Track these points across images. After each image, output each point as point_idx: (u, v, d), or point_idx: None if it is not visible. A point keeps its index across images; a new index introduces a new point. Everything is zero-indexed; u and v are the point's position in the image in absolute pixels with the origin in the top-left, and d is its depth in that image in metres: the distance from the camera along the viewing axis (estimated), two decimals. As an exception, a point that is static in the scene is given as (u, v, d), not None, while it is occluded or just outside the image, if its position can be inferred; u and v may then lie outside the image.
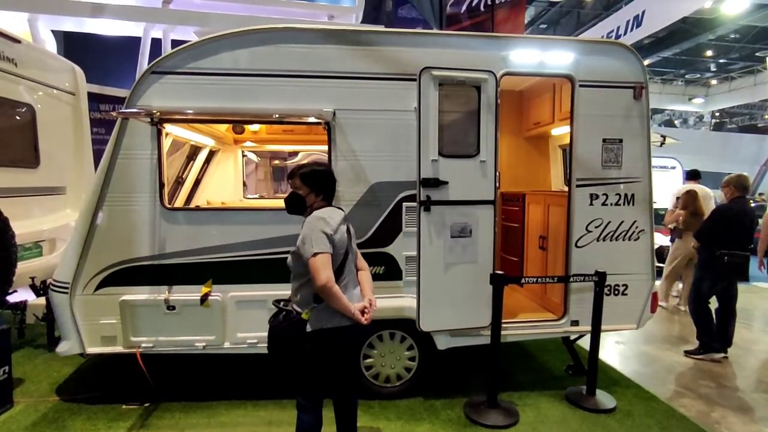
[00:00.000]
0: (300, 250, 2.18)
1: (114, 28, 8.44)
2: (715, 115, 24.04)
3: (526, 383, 3.82)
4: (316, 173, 2.35)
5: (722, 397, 3.74)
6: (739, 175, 4.53)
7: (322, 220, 2.21)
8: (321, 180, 2.35)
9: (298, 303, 2.28)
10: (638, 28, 10.95)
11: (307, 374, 2.30)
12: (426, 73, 3.00)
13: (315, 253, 2.11)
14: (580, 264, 3.46)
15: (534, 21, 16.54)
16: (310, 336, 2.20)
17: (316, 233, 2.15)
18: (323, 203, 2.35)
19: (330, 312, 2.20)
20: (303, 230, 2.21)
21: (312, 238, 2.14)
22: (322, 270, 2.10)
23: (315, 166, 2.41)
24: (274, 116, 3.13)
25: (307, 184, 2.33)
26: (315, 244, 2.12)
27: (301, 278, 2.27)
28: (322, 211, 2.29)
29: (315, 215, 2.25)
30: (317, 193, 2.33)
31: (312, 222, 2.21)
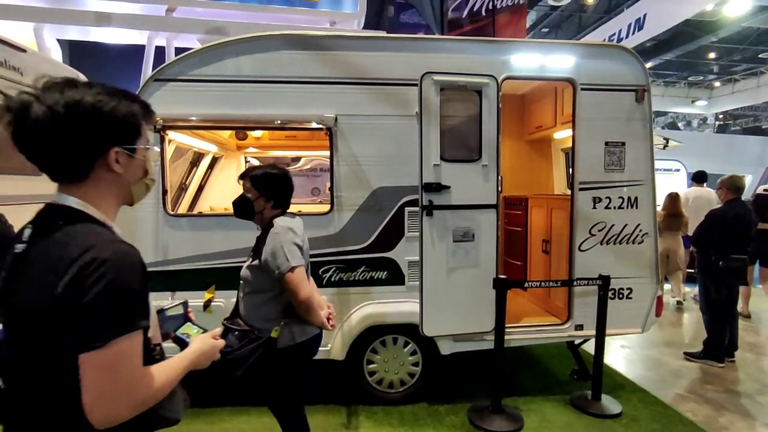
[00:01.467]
0: (269, 264, 2.04)
1: (118, 37, 8.51)
2: (718, 117, 23.93)
3: (531, 388, 3.79)
4: (268, 177, 2.18)
5: (729, 401, 3.69)
6: (732, 176, 4.47)
7: (291, 231, 2.11)
8: (273, 185, 2.18)
9: (259, 320, 2.11)
10: (640, 31, 10.96)
11: (285, 389, 2.24)
12: (427, 77, 3.01)
13: (293, 267, 2.01)
14: (583, 268, 3.44)
15: (535, 25, 16.57)
16: (283, 353, 2.09)
17: (288, 245, 2.05)
18: (274, 210, 2.20)
19: (301, 325, 2.13)
20: (271, 242, 2.06)
21: (286, 251, 2.03)
22: (301, 284, 2.02)
23: (269, 169, 2.23)
24: (276, 122, 3.15)
25: (258, 188, 2.16)
26: (291, 258, 2.02)
27: (264, 294, 2.12)
28: (286, 220, 2.17)
29: (282, 226, 2.12)
30: (267, 199, 2.18)
31: (281, 234, 2.08)
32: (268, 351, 2.06)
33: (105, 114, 0.99)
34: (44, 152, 0.99)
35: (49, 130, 0.94)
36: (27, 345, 0.95)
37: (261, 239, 2.15)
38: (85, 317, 0.88)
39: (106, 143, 1.01)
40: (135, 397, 0.94)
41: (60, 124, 0.94)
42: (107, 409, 0.91)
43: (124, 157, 1.04)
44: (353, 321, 3.26)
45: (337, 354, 3.27)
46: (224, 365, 1.98)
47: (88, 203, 1.02)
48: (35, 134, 0.95)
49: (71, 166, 1.00)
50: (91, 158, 1.01)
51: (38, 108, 0.93)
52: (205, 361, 1.21)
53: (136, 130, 1.07)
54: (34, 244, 0.97)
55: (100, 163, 1.02)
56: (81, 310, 0.88)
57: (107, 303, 0.89)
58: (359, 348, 3.33)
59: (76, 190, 1.02)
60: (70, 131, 0.96)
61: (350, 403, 3.43)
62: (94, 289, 0.88)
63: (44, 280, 0.90)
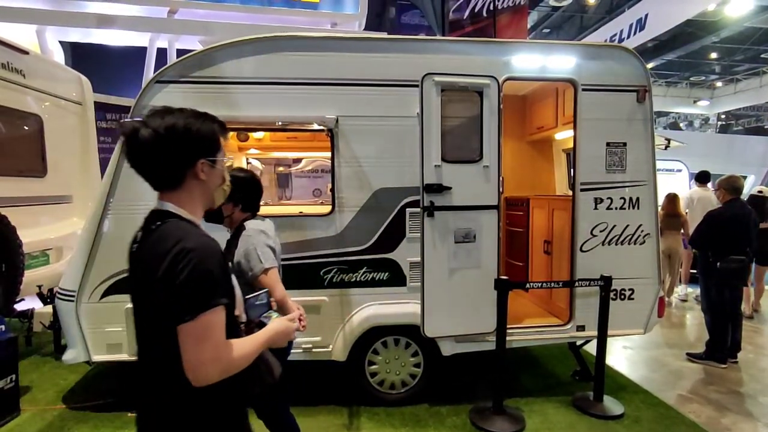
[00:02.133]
0: (242, 266, 2.05)
1: (120, 39, 8.55)
2: (720, 117, 23.88)
3: (533, 389, 3.78)
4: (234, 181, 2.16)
5: (732, 402, 3.68)
6: (729, 176, 4.47)
7: (263, 233, 2.13)
8: (240, 188, 2.13)
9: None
10: (641, 32, 10.95)
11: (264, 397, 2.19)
12: (428, 78, 3.01)
13: (267, 268, 2.03)
14: (585, 268, 3.43)
15: (537, 26, 16.57)
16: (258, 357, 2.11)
17: (261, 248, 2.06)
18: (243, 214, 2.22)
19: None
20: (243, 245, 2.08)
21: (259, 253, 2.05)
22: (276, 285, 2.03)
23: (236, 172, 2.23)
24: (277, 123, 3.16)
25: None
26: (264, 260, 2.04)
27: None
28: (258, 223, 2.19)
29: (254, 228, 2.13)
30: (235, 203, 2.18)
31: (254, 236, 2.10)
32: None
33: (194, 133, 1.23)
34: (150, 165, 1.23)
35: (153, 148, 1.19)
36: (145, 323, 1.22)
37: (231, 242, 2.15)
38: (179, 295, 1.10)
39: (194, 156, 1.25)
40: (221, 362, 1.13)
41: (161, 143, 1.19)
42: (199, 372, 1.11)
43: (207, 167, 1.27)
44: (355, 322, 3.26)
45: (339, 355, 3.27)
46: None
47: (181, 207, 1.25)
48: (143, 151, 1.20)
49: (169, 176, 1.25)
50: (184, 169, 1.24)
51: (145, 131, 1.18)
52: (281, 339, 1.39)
53: (217, 145, 1.30)
54: (143, 243, 1.22)
55: (190, 173, 1.25)
56: (175, 290, 1.10)
57: (194, 283, 1.10)
58: (361, 349, 3.33)
59: (172, 196, 1.26)
60: (169, 148, 1.20)
61: (352, 404, 3.43)
62: (184, 273, 1.10)
63: (151, 269, 1.14)
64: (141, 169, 1.24)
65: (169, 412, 1.20)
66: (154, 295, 1.13)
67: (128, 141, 1.20)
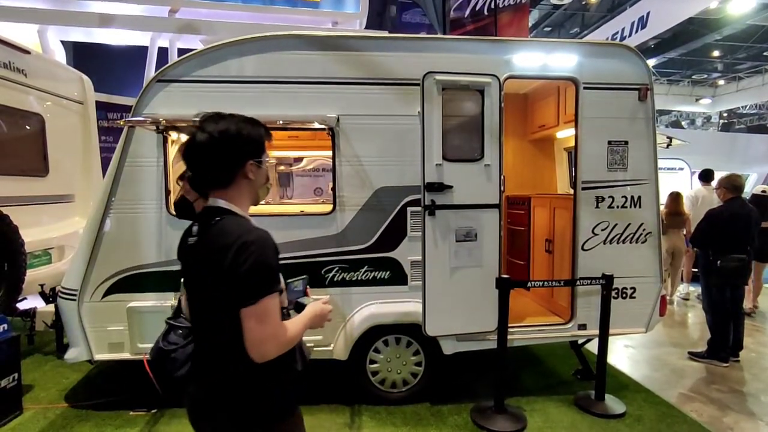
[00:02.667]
0: None
1: (122, 38, 8.55)
2: (722, 115, 23.81)
3: (534, 388, 3.78)
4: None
5: (735, 401, 3.68)
6: (730, 175, 4.46)
7: None
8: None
9: None
10: (643, 30, 10.91)
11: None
12: (429, 77, 3.01)
13: None
14: (586, 267, 3.43)
15: (538, 24, 16.53)
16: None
17: None
18: None
19: None
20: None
21: None
22: None
23: None
24: (278, 123, 3.15)
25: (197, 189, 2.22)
26: None
27: None
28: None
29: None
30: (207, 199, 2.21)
31: None
32: None
33: (244, 136, 1.38)
34: (205, 166, 1.38)
35: (209, 150, 1.34)
36: (207, 310, 1.36)
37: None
38: (243, 283, 1.25)
39: (244, 158, 1.39)
40: (278, 340, 1.30)
41: (216, 145, 1.34)
42: (261, 349, 1.27)
43: (255, 167, 1.41)
44: (356, 321, 3.26)
45: (340, 354, 3.27)
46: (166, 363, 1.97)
47: (232, 204, 1.39)
48: (200, 153, 1.35)
49: (222, 175, 1.39)
50: (235, 169, 1.39)
51: (201, 135, 1.34)
52: (319, 322, 1.50)
53: (263, 147, 1.44)
54: (202, 236, 1.37)
55: (240, 173, 1.39)
56: (240, 278, 1.25)
57: (255, 272, 1.26)
58: (362, 348, 3.33)
59: (224, 194, 1.40)
60: (223, 150, 1.36)
61: (353, 403, 3.43)
62: (247, 263, 1.25)
63: (216, 260, 1.28)
64: (197, 169, 1.39)
65: (235, 387, 1.35)
66: (218, 284, 1.28)
67: (187, 144, 1.37)
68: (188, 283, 1.43)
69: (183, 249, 1.45)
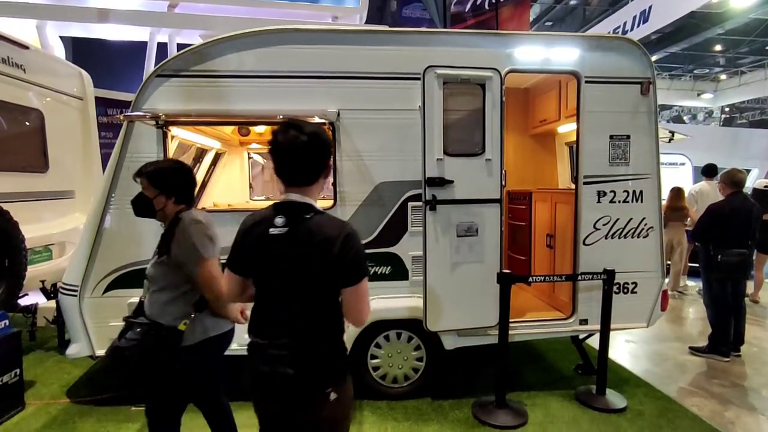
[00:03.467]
0: (179, 258, 1.97)
1: (121, 33, 8.52)
2: (724, 110, 23.73)
3: (535, 383, 3.79)
4: (164, 172, 2.09)
5: (736, 396, 3.68)
6: (730, 170, 4.44)
7: (201, 224, 2.02)
8: (171, 180, 2.08)
9: (168, 316, 2.02)
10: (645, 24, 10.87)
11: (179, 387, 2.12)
12: (430, 71, 2.99)
13: (205, 259, 1.95)
14: (588, 262, 3.42)
15: (539, 18, 16.46)
16: (192, 348, 2.04)
17: (200, 238, 1.97)
18: (178, 206, 2.10)
19: (213, 319, 2.09)
20: (181, 236, 1.98)
21: (198, 243, 1.95)
22: (218, 277, 1.94)
23: (165, 163, 2.14)
24: (278, 117, 3.13)
25: (155, 185, 2.06)
26: (204, 250, 1.96)
27: (173, 291, 2.04)
28: (195, 213, 2.09)
29: (191, 219, 2.02)
30: (167, 195, 2.07)
31: (191, 226, 1.99)
32: (174, 346, 2.00)
33: (327, 139, 1.59)
34: (303, 164, 1.56)
35: (308, 150, 1.53)
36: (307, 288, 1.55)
37: (166, 236, 2.05)
38: (349, 267, 1.53)
39: (328, 159, 1.61)
40: (370, 311, 1.62)
41: (314, 146, 1.53)
42: (361, 317, 1.60)
43: (330, 169, 1.64)
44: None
45: (341, 349, 3.27)
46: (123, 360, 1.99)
47: (311, 199, 1.58)
48: (299, 153, 1.53)
49: (311, 174, 1.58)
50: (321, 168, 1.59)
51: (302, 137, 1.51)
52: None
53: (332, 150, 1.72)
54: (294, 228, 1.53)
55: (323, 172, 1.61)
56: (346, 264, 1.51)
57: (358, 259, 1.54)
58: (363, 343, 3.33)
59: (306, 191, 1.58)
60: (318, 150, 1.56)
61: (354, 398, 3.42)
62: (352, 252, 1.51)
63: (323, 249, 1.49)
64: (294, 167, 1.56)
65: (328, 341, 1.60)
66: (325, 269, 1.51)
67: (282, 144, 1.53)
68: (273, 267, 1.56)
69: (263, 237, 1.55)
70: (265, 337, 1.57)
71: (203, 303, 2.04)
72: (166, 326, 2.01)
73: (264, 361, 1.56)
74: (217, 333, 2.12)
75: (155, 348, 1.98)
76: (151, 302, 2.08)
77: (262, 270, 1.59)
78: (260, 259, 1.58)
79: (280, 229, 1.54)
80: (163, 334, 2.00)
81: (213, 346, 2.13)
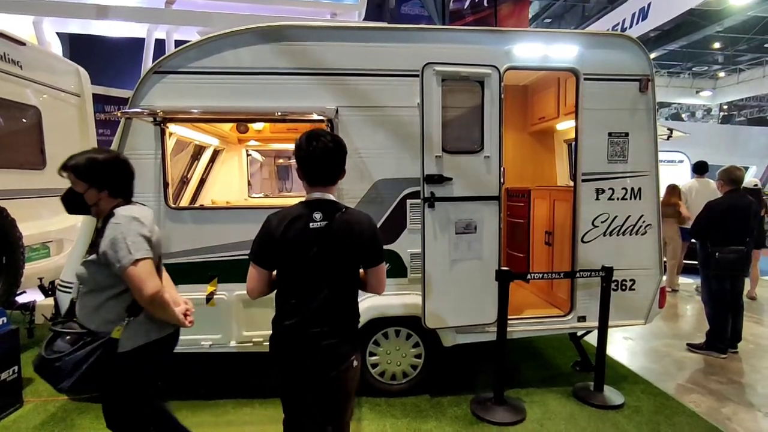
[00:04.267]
0: (108, 257, 1.78)
1: (118, 30, 8.49)
2: (723, 108, 23.74)
3: (533, 380, 3.80)
4: (93, 165, 1.90)
5: (733, 392, 3.69)
6: (729, 167, 4.44)
7: (135, 220, 1.85)
8: (101, 172, 1.90)
9: (99, 322, 1.86)
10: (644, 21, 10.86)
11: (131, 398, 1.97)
12: (428, 68, 2.98)
13: (136, 259, 1.75)
14: (586, 259, 3.43)
15: (538, 15, 16.43)
16: (128, 356, 1.86)
17: (132, 236, 1.79)
18: (113, 200, 1.93)
19: (151, 323, 1.92)
20: (110, 233, 1.80)
21: (128, 242, 1.77)
22: (148, 279, 1.77)
23: (94, 154, 1.94)
24: (276, 114, 3.12)
25: (84, 179, 1.89)
26: (134, 250, 1.77)
27: (104, 292, 1.87)
28: (130, 209, 1.91)
29: (124, 215, 1.85)
30: (99, 189, 1.90)
31: (123, 224, 1.82)
32: (109, 354, 1.82)
33: (345, 146, 1.91)
34: (332, 166, 1.87)
35: (336, 154, 1.86)
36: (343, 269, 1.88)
37: (100, 233, 1.88)
38: (376, 251, 1.92)
39: (345, 162, 1.91)
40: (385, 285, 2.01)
41: (340, 151, 1.88)
42: (380, 290, 1.99)
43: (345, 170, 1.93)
44: (355, 313, 3.26)
45: (340, 346, 3.28)
46: (51, 374, 1.80)
47: (334, 197, 1.90)
48: (330, 156, 1.85)
49: (336, 175, 1.90)
50: (342, 169, 1.91)
51: (331, 143, 1.84)
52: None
53: None
54: (332, 221, 1.82)
55: (342, 173, 1.92)
56: (375, 248, 1.91)
57: (381, 244, 1.94)
58: (362, 340, 3.33)
59: (329, 190, 1.90)
60: (342, 154, 1.89)
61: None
62: (378, 238, 1.92)
63: (359, 237, 1.85)
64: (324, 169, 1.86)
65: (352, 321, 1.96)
66: (359, 252, 1.87)
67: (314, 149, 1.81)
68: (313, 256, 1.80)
69: (304, 230, 1.80)
70: (305, 318, 1.82)
71: (138, 306, 1.86)
72: (97, 333, 1.84)
73: (306, 339, 1.82)
74: (156, 338, 1.95)
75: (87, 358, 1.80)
76: (81, 305, 1.92)
77: (302, 259, 1.81)
78: (302, 249, 1.80)
79: (320, 224, 1.81)
80: (96, 342, 1.82)
81: (152, 353, 1.95)
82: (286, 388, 1.92)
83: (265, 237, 1.83)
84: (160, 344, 1.98)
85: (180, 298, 2.11)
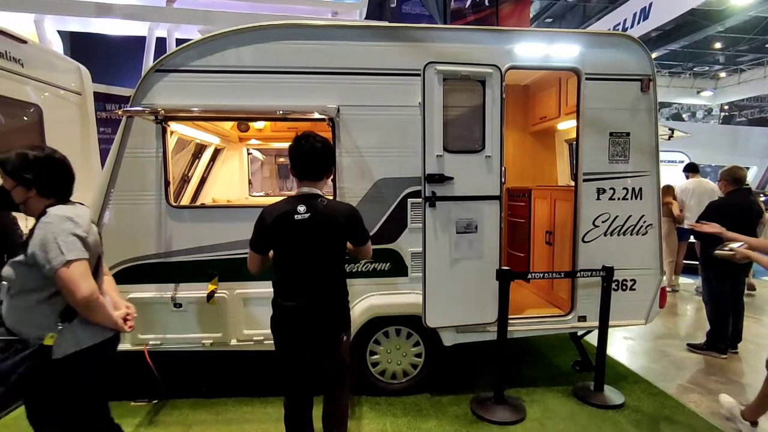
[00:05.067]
0: (38, 258, 1.69)
1: (119, 28, 8.47)
2: (724, 108, 23.72)
3: (534, 379, 3.80)
4: (23, 162, 1.80)
5: (733, 392, 3.68)
6: (731, 167, 4.43)
7: (68, 220, 1.76)
8: (31, 170, 1.80)
9: (30, 327, 1.77)
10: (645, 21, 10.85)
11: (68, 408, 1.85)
12: (430, 67, 2.98)
13: (68, 261, 1.68)
14: (587, 259, 3.43)
15: (539, 15, 16.41)
16: (62, 363, 1.76)
17: (64, 236, 1.71)
18: (44, 199, 1.83)
19: (87, 328, 1.83)
20: (40, 233, 1.72)
21: (60, 242, 1.69)
22: (82, 280, 1.69)
23: (25, 150, 1.83)
24: (277, 113, 3.12)
25: (12, 176, 1.80)
26: (66, 250, 1.69)
27: (33, 295, 1.77)
28: (64, 209, 1.82)
29: (57, 215, 1.77)
30: (27, 187, 1.81)
31: (55, 223, 1.73)
32: (42, 362, 1.72)
33: (333, 148, 2.28)
34: (321, 165, 2.21)
35: (324, 154, 2.22)
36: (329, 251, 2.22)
37: (32, 232, 1.79)
38: (360, 230, 2.29)
39: (332, 163, 2.33)
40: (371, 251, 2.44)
41: (328, 151, 2.24)
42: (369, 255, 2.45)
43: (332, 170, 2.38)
44: (356, 312, 3.26)
45: (340, 345, 3.28)
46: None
47: (319, 191, 2.22)
48: (319, 156, 2.19)
49: (322, 172, 2.23)
50: (329, 168, 2.28)
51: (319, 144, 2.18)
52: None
53: None
54: (315, 212, 2.13)
55: (329, 171, 2.28)
56: (355, 231, 2.27)
57: (363, 225, 2.30)
58: (362, 339, 3.33)
59: (317, 185, 2.23)
60: (330, 154, 2.27)
61: (353, 394, 3.44)
62: (354, 222, 2.25)
63: (339, 222, 2.18)
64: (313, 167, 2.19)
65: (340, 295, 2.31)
66: (341, 235, 2.21)
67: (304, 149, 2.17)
68: (300, 244, 2.14)
69: (290, 223, 2.12)
70: (298, 297, 2.16)
71: (72, 311, 1.78)
72: (27, 340, 1.74)
73: (300, 314, 2.16)
74: (90, 344, 1.84)
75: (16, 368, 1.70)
76: (9, 309, 1.80)
77: (291, 247, 2.16)
78: (290, 238, 2.13)
79: (304, 215, 2.11)
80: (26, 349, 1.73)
81: (89, 358, 1.84)
82: (284, 358, 2.25)
83: (259, 228, 2.19)
84: (98, 349, 1.87)
85: (122, 301, 2.03)
